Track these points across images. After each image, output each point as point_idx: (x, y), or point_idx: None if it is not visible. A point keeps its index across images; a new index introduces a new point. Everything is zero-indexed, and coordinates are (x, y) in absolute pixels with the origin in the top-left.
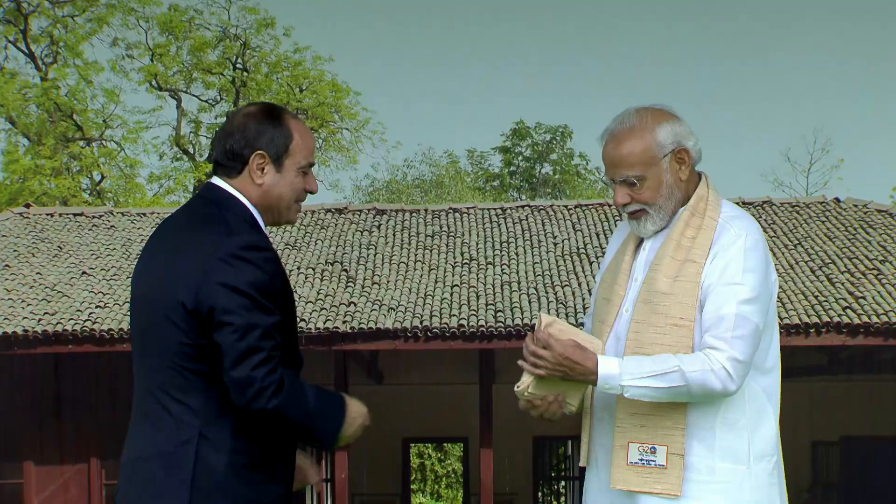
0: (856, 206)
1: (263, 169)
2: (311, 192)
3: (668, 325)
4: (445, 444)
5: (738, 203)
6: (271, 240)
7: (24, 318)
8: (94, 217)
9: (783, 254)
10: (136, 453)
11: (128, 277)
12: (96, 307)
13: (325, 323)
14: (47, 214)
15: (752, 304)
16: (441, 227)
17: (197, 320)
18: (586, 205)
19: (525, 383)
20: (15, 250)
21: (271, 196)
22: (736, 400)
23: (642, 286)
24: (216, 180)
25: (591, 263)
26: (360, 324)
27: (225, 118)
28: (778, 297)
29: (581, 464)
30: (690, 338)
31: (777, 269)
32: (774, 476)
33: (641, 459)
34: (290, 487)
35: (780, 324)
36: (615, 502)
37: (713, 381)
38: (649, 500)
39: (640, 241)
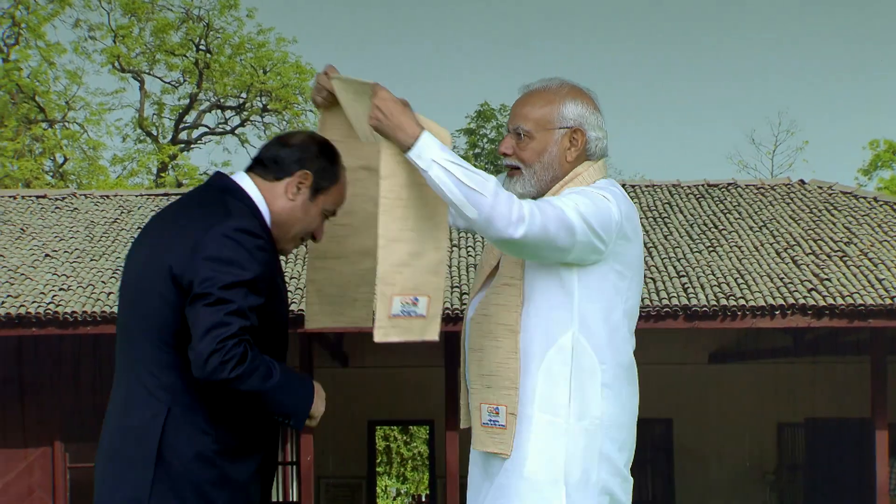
0: (821, 187)
1: (300, 188)
2: (315, 239)
3: (501, 286)
4: (411, 427)
5: (702, 185)
6: None
7: None
8: (56, 199)
9: (748, 236)
10: (114, 425)
11: (91, 260)
12: (59, 289)
13: (289, 305)
14: (10, 196)
15: (570, 205)
16: None
17: (180, 294)
18: None
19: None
20: None
21: (291, 217)
22: (561, 351)
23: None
24: (237, 175)
25: None
26: None
27: (182, 101)
28: (743, 279)
29: (462, 426)
30: (520, 297)
31: (742, 251)
32: (597, 439)
33: (490, 420)
34: (267, 477)
35: (745, 305)
36: (482, 464)
37: (507, 212)
38: (497, 461)
39: None
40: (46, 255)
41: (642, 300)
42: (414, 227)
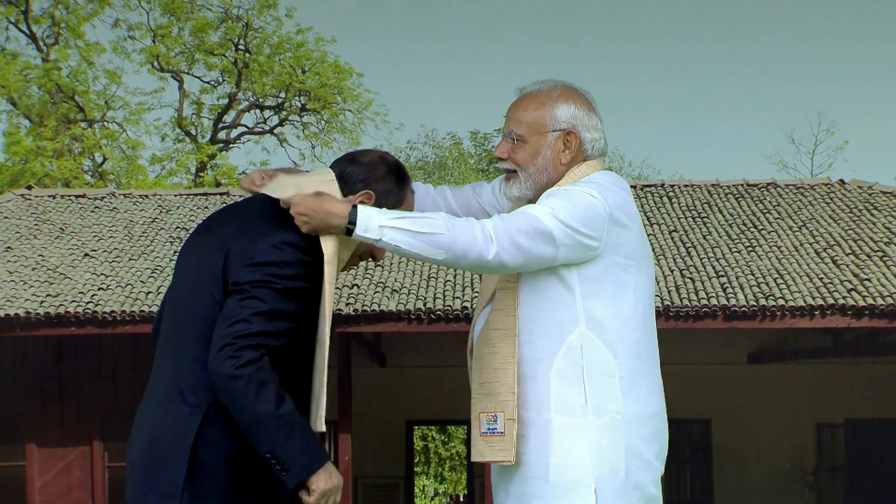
0: (861, 187)
1: None
2: (374, 259)
3: (499, 290)
4: (449, 427)
5: (741, 185)
6: None
7: (27, 299)
8: (96, 199)
9: (788, 235)
10: (150, 418)
11: (130, 259)
12: (98, 289)
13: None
14: (49, 196)
15: (545, 211)
16: None
17: (226, 295)
18: None
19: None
20: (17, 232)
21: None
22: (570, 351)
23: None
24: None
25: None
26: (363, 306)
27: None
28: (783, 279)
29: None
30: (516, 300)
31: (782, 251)
32: (621, 434)
33: (489, 429)
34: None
35: (784, 305)
36: (501, 474)
37: (472, 238)
38: (515, 470)
39: None
40: (86, 255)
41: (681, 300)
42: (329, 309)
